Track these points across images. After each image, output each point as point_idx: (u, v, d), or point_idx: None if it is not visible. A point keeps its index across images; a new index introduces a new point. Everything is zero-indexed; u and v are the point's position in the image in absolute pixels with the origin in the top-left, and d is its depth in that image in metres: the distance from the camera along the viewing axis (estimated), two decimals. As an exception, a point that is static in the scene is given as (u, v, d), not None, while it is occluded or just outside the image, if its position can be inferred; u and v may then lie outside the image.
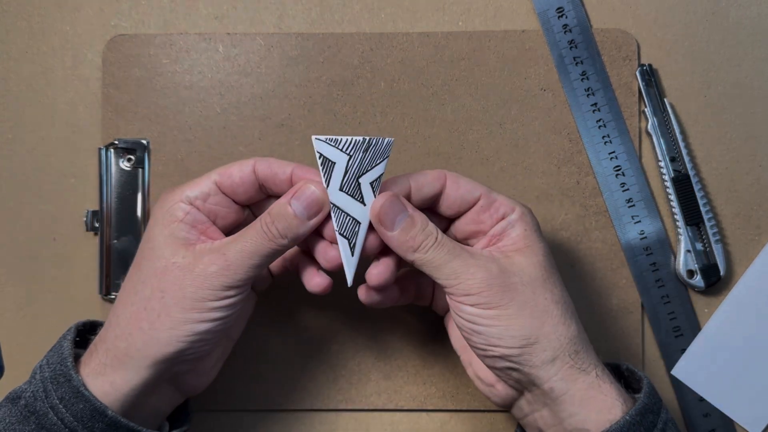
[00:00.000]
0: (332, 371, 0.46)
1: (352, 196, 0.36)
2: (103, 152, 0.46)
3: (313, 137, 0.35)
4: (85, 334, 0.38)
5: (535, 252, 0.37)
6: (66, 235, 0.47)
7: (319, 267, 0.38)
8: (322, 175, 0.35)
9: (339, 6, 0.47)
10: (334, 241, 0.37)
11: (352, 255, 0.36)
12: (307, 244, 0.38)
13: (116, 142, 0.46)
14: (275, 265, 0.42)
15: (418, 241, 0.36)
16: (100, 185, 0.46)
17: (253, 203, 0.39)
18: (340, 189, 0.36)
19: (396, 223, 0.36)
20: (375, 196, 0.36)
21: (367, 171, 0.36)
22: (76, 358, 0.36)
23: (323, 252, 0.37)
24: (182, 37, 0.47)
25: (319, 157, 0.35)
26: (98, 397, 0.34)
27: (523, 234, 0.37)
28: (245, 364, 0.46)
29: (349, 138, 0.35)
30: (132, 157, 0.46)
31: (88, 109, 0.47)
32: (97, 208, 0.47)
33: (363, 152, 0.35)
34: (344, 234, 0.36)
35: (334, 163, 0.35)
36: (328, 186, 0.36)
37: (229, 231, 0.38)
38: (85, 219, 0.47)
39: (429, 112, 0.47)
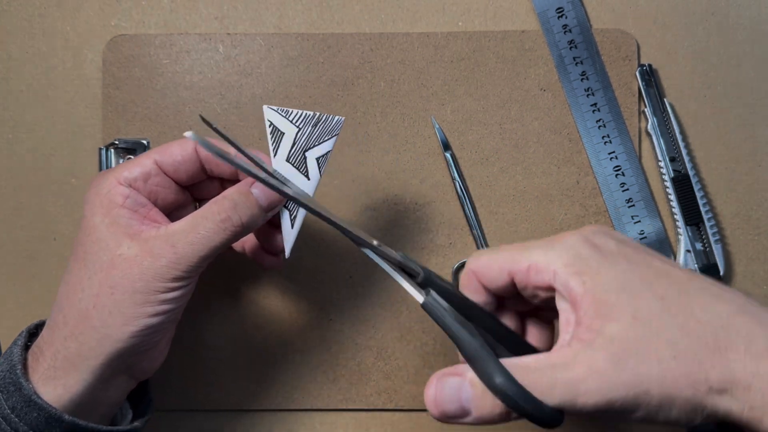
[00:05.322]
0: (332, 371, 0.46)
1: (297, 169, 0.37)
2: (104, 152, 0.46)
3: (264, 106, 0.36)
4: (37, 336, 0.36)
5: None
6: (66, 235, 0.47)
7: (266, 250, 0.40)
8: (270, 143, 0.36)
9: (339, 6, 0.48)
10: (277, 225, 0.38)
11: (292, 227, 0.37)
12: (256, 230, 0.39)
13: (117, 142, 0.46)
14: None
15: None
16: (100, 185, 0.46)
17: (194, 184, 0.38)
18: (287, 160, 0.36)
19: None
20: (320, 174, 0.37)
21: (314, 146, 0.37)
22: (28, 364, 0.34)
23: (272, 238, 0.38)
24: (182, 37, 0.47)
25: (269, 126, 0.36)
26: (51, 402, 0.32)
27: None
28: (245, 364, 0.46)
29: (300, 111, 0.36)
30: (132, 157, 0.46)
31: (88, 109, 0.47)
32: (97, 208, 0.47)
33: (312, 126, 0.36)
34: (286, 205, 0.37)
35: (283, 133, 0.36)
36: (275, 155, 0.36)
37: (169, 211, 0.37)
38: (85, 219, 0.46)
39: (429, 112, 0.47)
